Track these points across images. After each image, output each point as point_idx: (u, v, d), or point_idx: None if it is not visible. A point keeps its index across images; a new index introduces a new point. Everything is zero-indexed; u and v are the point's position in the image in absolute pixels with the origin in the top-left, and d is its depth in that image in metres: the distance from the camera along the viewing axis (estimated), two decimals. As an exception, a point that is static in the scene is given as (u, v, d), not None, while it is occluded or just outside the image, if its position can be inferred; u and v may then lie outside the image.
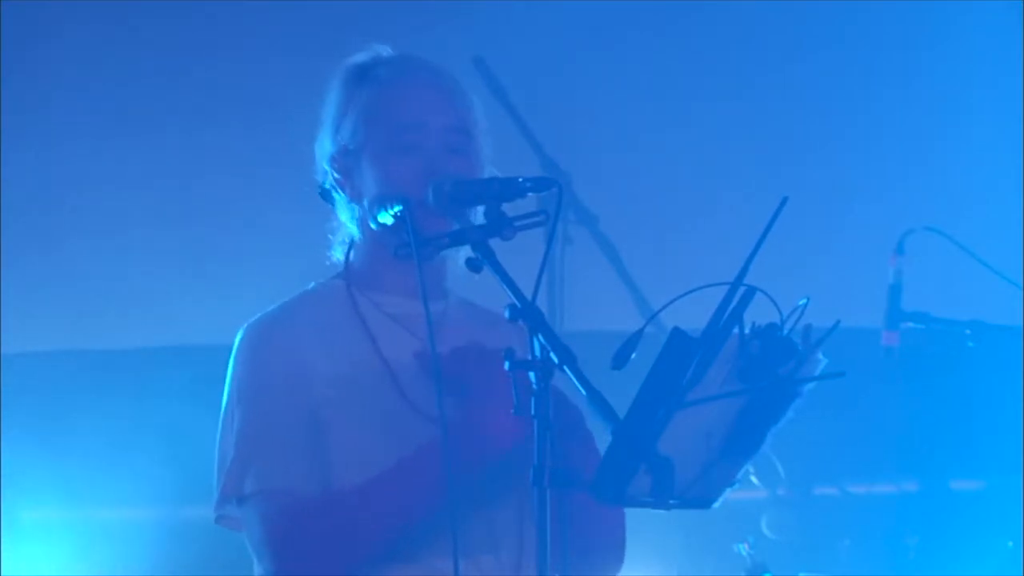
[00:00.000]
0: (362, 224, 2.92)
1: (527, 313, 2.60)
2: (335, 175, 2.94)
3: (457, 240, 2.74)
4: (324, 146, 2.96)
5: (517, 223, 2.70)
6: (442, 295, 2.96)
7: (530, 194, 2.72)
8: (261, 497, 2.76)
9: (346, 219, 2.96)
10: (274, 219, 5.00)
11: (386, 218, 2.82)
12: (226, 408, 2.85)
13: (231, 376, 2.86)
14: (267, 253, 5.01)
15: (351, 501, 2.74)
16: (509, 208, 2.71)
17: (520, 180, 2.71)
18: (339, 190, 2.94)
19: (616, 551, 2.98)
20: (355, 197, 2.92)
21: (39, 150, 5.37)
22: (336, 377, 2.83)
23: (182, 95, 5.38)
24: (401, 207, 2.78)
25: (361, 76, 2.95)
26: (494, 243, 2.70)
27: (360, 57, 2.98)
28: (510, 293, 2.63)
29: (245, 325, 2.90)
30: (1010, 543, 4.80)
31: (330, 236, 3.02)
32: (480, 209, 2.75)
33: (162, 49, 5.41)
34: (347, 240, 2.98)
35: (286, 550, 2.74)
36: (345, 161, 2.93)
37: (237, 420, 2.81)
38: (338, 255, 3.00)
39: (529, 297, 2.63)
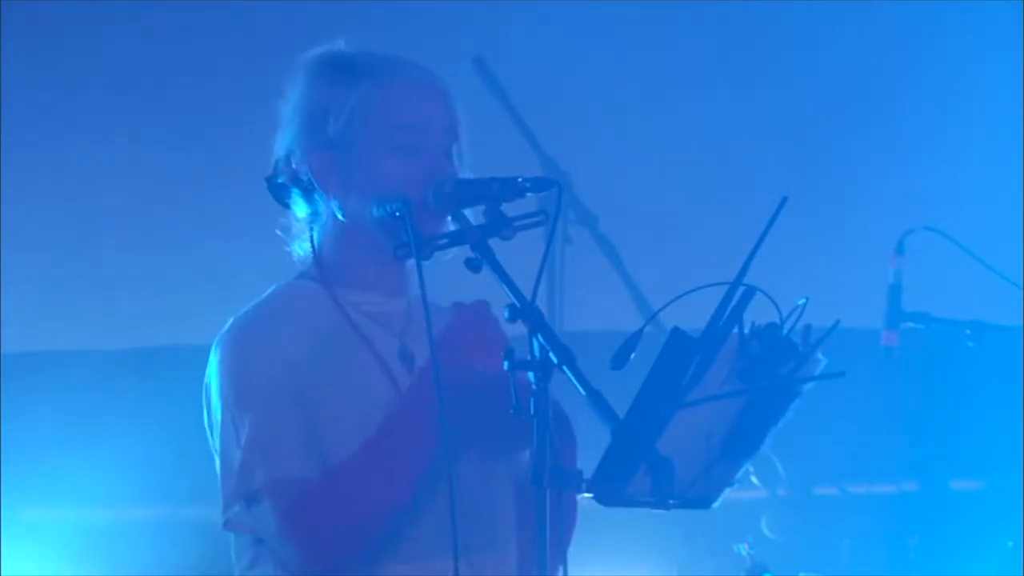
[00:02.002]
0: (349, 217, 2.88)
1: (527, 313, 2.60)
2: (314, 167, 2.87)
3: (457, 240, 2.74)
4: (290, 139, 2.89)
5: (517, 223, 2.70)
6: (404, 292, 2.94)
7: (530, 194, 2.72)
8: (270, 488, 2.74)
9: (315, 213, 2.90)
10: (274, 222, 4.99)
11: (383, 216, 2.81)
12: (222, 412, 2.81)
13: (223, 379, 2.82)
14: (267, 253, 5.00)
15: (352, 468, 2.73)
16: (509, 208, 2.71)
17: (520, 180, 2.71)
18: (316, 185, 2.88)
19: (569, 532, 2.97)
20: (339, 193, 2.87)
21: (39, 150, 5.37)
22: (328, 381, 2.82)
23: (182, 98, 5.38)
24: (401, 207, 2.77)
25: (343, 70, 2.91)
26: (494, 243, 2.70)
27: (322, 51, 2.93)
28: (510, 293, 2.63)
29: (226, 328, 2.86)
30: (1010, 543, 4.80)
31: (279, 232, 2.98)
32: (480, 209, 2.74)
33: (161, 50, 5.41)
34: (308, 235, 2.93)
35: (306, 534, 2.72)
36: (329, 155, 2.87)
37: (246, 426, 2.77)
38: (299, 251, 2.97)
39: (529, 297, 2.63)
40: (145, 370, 5.26)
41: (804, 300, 2.61)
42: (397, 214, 2.77)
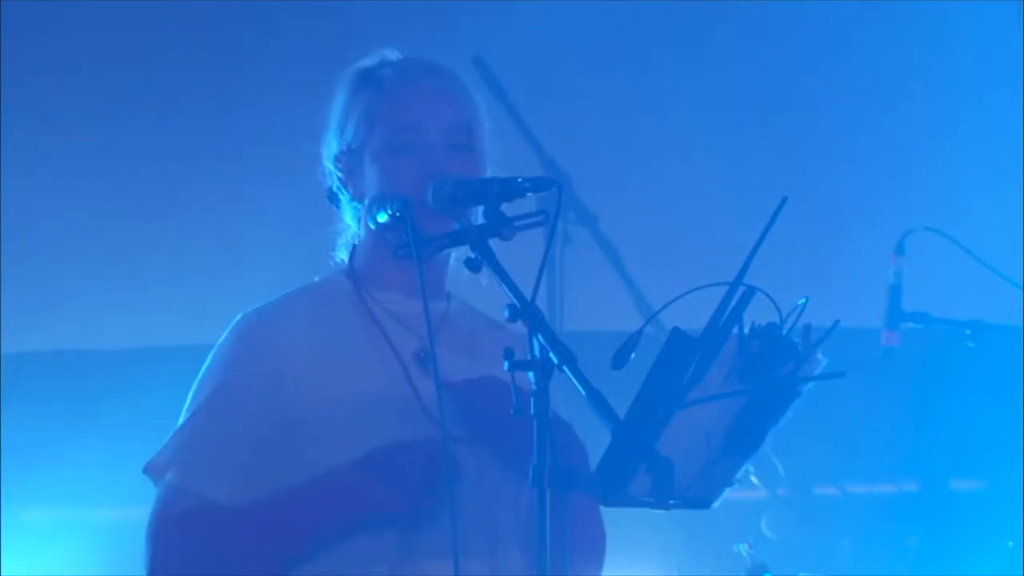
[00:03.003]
0: (363, 223, 2.93)
1: (527, 313, 2.60)
2: (339, 174, 2.95)
3: (456, 240, 2.74)
4: (330, 147, 2.98)
5: (517, 223, 2.70)
6: (443, 296, 2.97)
7: (530, 194, 2.72)
8: (174, 492, 2.80)
9: (350, 220, 2.97)
10: (272, 222, 5.00)
11: (385, 217, 2.82)
12: (202, 381, 2.87)
13: (211, 356, 2.88)
14: (265, 254, 5.01)
15: (255, 521, 2.76)
16: (508, 208, 2.71)
17: (520, 180, 2.71)
18: (343, 189, 2.95)
19: (599, 554, 2.99)
20: (357, 196, 2.93)
21: (39, 151, 5.37)
22: (335, 375, 2.83)
23: (187, 97, 5.38)
24: (400, 207, 2.78)
25: (365, 78, 2.96)
26: (494, 243, 2.70)
27: (367, 61, 3.00)
28: (509, 293, 2.63)
29: (242, 314, 2.90)
30: (1010, 543, 4.80)
31: (336, 238, 3.03)
32: (480, 209, 2.75)
33: (159, 49, 5.41)
34: (351, 242, 2.99)
35: (169, 554, 2.81)
36: (348, 161, 2.94)
37: (197, 401, 2.85)
38: (342, 255, 3.01)
39: (529, 297, 2.62)
40: (145, 370, 5.26)
41: (804, 300, 2.61)
42: (397, 214, 2.78)
